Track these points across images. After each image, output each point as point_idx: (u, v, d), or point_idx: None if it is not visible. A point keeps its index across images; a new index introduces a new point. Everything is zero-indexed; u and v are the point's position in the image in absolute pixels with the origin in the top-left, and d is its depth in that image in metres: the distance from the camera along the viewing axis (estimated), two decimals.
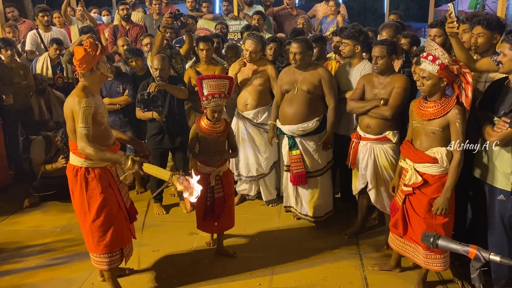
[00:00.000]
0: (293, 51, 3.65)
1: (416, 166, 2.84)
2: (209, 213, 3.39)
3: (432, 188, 2.80)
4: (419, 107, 2.83)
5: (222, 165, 3.39)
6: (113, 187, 2.86)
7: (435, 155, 2.75)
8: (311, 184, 3.87)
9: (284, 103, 3.83)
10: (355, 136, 3.55)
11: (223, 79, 3.26)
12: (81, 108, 2.61)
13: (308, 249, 3.59)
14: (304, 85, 3.70)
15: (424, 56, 2.72)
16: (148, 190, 4.93)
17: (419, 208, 2.84)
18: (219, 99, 3.19)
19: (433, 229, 2.77)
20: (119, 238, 2.91)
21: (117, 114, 4.62)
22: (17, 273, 3.35)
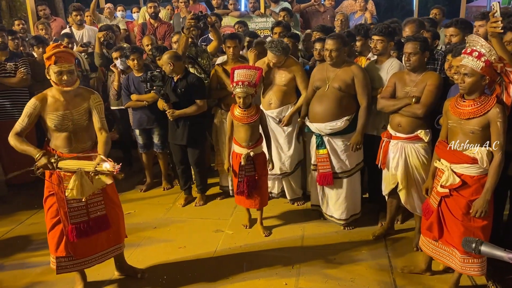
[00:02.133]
0: (328, 48, 3.58)
1: (453, 167, 2.74)
2: (240, 189, 3.72)
3: (471, 189, 2.70)
4: (455, 106, 2.73)
5: (254, 147, 3.68)
6: (57, 197, 2.87)
7: (475, 155, 2.65)
8: (337, 185, 3.79)
9: (314, 101, 3.77)
10: (386, 135, 3.46)
11: (252, 69, 3.58)
12: (25, 107, 2.80)
13: (335, 249, 3.53)
14: (336, 82, 3.63)
15: (468, 52, 2.60)
16: (174, 187, 4.97)
17: (457, 211, 2.74)
18: (245, 87, 3.51)
19: (471, 232, 2.67)
20: (59, 246, 2.90)
21: (144, 111, 4.65)
22: (45, 265, 3.40)
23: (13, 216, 4.35)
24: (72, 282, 3.13)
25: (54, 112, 2.79)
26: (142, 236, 3.85)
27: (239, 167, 3.69)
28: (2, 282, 3.24)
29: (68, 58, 2.78)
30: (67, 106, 2.82)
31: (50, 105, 2.79)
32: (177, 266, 3.38)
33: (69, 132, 2.84)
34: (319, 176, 3.79)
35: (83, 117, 2.88)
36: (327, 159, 3.74)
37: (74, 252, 2.90)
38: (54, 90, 2.83)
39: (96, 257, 3.01)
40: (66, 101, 2.83)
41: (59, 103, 2.81)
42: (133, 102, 4.63)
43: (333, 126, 3.66)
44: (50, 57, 2.73)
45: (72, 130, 2.85)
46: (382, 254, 3.45)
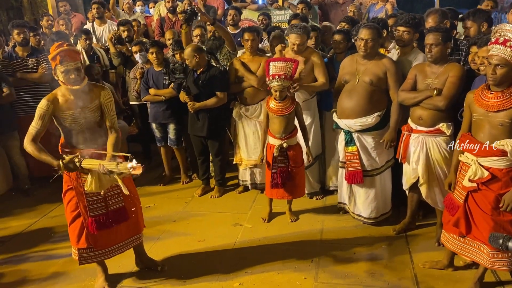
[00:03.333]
0: (364, 38, 3.44)
1: (480, 160, 2.67)
2: (274, 181, 3.75)
3: (500, 183, 2.62)
4: (481, 98, 2.65)
5: (288, 138, 3.71)
6: (76, 191, 2.89)
7: (503, 148, 2.57)
8: (367, 183, 3.68)
9: (343, 95, 3.64)
10: (406, 129, 3.40)
11: (288, 61, 3.58)
12: (37, 109, 2.77)
13: (355, 244, 3.50)
14: (367, 76, 3.51)
15: (501, 41, 2.51)
16: (193, 180, 5.01)
17: (485, 205, 2.67)
18: (281, 80, 3.54)
19: (501, 227, 2.62)
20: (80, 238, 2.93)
21: (161, 106, 4.68)
22: (68, 256, 3.46)
23: (37, 209, 4.45)
24: (94, 272, 3.19)
25: (66, 111, 2.79)
26: (161, 230, 3.89)
27: (272, 158, 3.72)
28: (30, 272, 3.31)
29: (73, 56, 2.75)
30: (78, 104, 2.81)
31: (62, 104, 2.78)
32: (196, 259, 3.40)
33: (83, 129, 2.86)
34: (348, 174, 3.69)
35: (95, 114, 2.89)
36: (357, 156, 3.63)
37: (95, 244, 2.94)
38: (63, 89, 2.80)
39: (116, 247, 3.05)
40: (77, 99, 2.80)
41: (70, 102, 2.79)
42: (151, 96, 4.67)
43: (364, 123, 3.54)
44: (55, 57, 2.71)
45: (86, 127, 2.86)
46: (403, 249, 3.41)
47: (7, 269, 3.37)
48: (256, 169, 4.46)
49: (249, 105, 4.31)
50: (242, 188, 4.65)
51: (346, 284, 2.99)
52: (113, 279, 3.16)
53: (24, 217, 4.29)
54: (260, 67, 4.14)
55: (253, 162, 4.40)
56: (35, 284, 3.16)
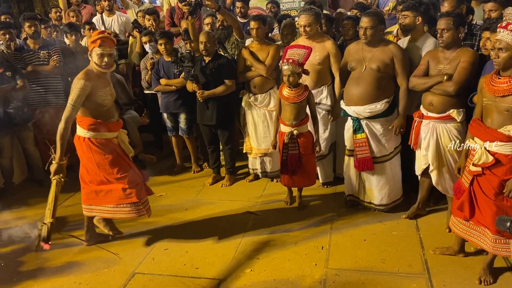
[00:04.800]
0: (363, 26, 3.43)
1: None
2: (284, 167, 3.83)
3: (505, 168, 2.61)
4: (490, 83, 2.63)
5: (299, 125, 3.75)
6: (118, 151, 3.34)
7: (509, 133, 2.56)
8: (377, 170, 3.66)
9: (350, 82, 3.63)
10: (417, 115, 3.37)
11: (301, 48, 3.64)
12: (75, 89, 3.04)
13: (365, 231, 3.51)
14: (374, 63, 3.49)
15: (504, 25, 2.49)
16: (204, 170, 5.05)
17: (489, 190, 2.67)
18: (291, 65, 3.55)
19: (503, 212, 2.59)
20: (138, 191, 3.33)
21: (172, 96, 4.71)
22: (82, 245, 3.57)
23: None
24: (108, 260, 3.26)
25: (102, 89, 3.18)
26: (173, 218, 3.95)
27: (282, 145, 3.77)
28: (46, 260, 3.39)
29: (111, 43, 3.17)
30: (106, 84, 3.25)
31: (96, 84, 3.13)
32: (208, 246, 3.45)
33: (109, 105, 3.29)
34: (357, 162, 3.67)
35: (113, 93, 3.37)
36: (366, 143, 3.60)
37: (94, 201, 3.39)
38: (93, 71, 3.17)
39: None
40: (103, 80, 3.23)
41: (100, 82, 3.19)
42: (162, 86, 4.70)
43: (373, 109, 3.52)
44: (96, 41, 3.10)
45: (111, 104, 3.32)
46: (413, 235, 3.41)
47: (25, 258, 3.45)
48: (266, 157, 4.48)
49: (258, 94, 4.31)
50: (253, 176, 4.68)
51: (357, 271, 3.01)
52: (127, 266, 3.23)
53: (39, 206, 4.35)
54: (269, 56, 4.14)
55: (263, 151, 4.42)
56: (51, 272, 3.23)
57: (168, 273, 3.12)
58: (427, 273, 2.94)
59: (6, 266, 3.37)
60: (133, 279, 3.08)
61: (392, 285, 2.84)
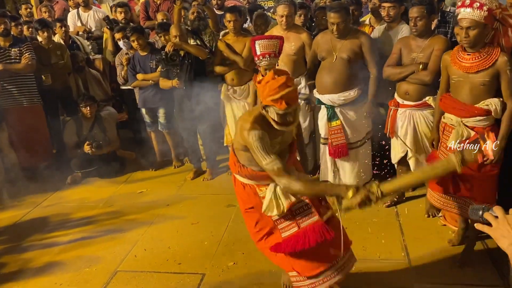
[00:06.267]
0: (333, 22, 3.46)
1: (465, 121, 2.73)
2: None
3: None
4: (458, 60, 2.68)
5: None
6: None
7: (488, 107, 2.64)
8: (352, 155, 3.75)
9: (322, 72, 3.68)
10: (393, 104, 3.42)
11: (274, 39, 3.49)
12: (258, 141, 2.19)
13: (346, 219, 3.47)
14: (344, 52, 3.54)
15: (468, 3, 2.52)
16: (185, 164, 5.02)
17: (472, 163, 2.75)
18: (270, 58, 3.44)
19: (488, 183, 2.75)
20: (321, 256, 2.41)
21: (150, 91, 4.66)
22: (63, 245, 3.52)
23: (29, 199, 4.44)
24: (89, 259, 3.25)
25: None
26: (155, 214, 3.92)
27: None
28: (26, 261, 3.33)
29: (296, 97, 2.22)
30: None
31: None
32: (190, 241, 3.43)
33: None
34: (333, 149, 3.72)
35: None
36: (341, 130, 3.67)
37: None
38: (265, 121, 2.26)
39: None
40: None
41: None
42: (139, 81, 4.64)
43: (347, 97, 3.60)
44: (278, 100, 2.12)
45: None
46: (393, 222, 3.46)
47: (5, 260, 3.39)
48: None
49: (237, 86, 4.29)
50: None
51: None
52: (109, 265, 3.20)
53: (17, 208, 4.29)
54: (246, 48, 4.11)
55: None
56: (31, 273, 3.18)
57: (150, 270, 3.10)
58: (407, 259, 2.99)
59: None
60: (115, 277, 3.05)
61: (373, 272, 2.87)
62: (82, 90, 5.22)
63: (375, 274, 2.86)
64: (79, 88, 5.23)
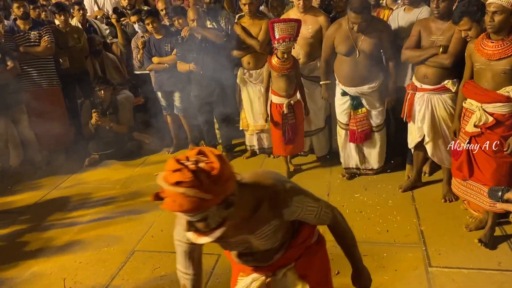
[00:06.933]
0: (355, 22, 3.36)
1: (485, 106, 2.71)
2: (287, 137, 3.91)
3: (504, 126, 2.70)
4: (482, 47, 2.66)
5: (293, 95, 3.86)
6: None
7: (509, 94, 2.62)
8: (376, 138, 3.84)
9: (346, 66, 3.61)
10: (411, 87, 3.38)
11: (292, 22, 3.56)
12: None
13: (361, 203, 3.55)
14: (366, 47, 3.50)
15: None
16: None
17: (489, 148, 2.74)
18: (289, 42, 3.53)
19: (503, 168, 2.72)
20: None
21: (165, 74, 4.66)
22: (82, 224, 3.60)
23: (49, 180, 4.53)
24: (108, 239, 3.32)
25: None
26: None
27: (282, 116, 3.84)
28: (47, 240, 3.42)
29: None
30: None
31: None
32: None
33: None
34: (359, 135, 3.77)
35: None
36: (366, 117, 3.72)
37: None
38: None
39: None
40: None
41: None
42: (155, 64, 4.65)
43: (374, 87, 3.62)
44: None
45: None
46: (409, 206, 3.45)
47: (27, 238, 3.49)
48: (263, 133, 4.48)
49: (253, 70, 4.28)
50: (250, 153, 4.68)
51: None
52: (127, 245, 3.26)
53: (37, 188, 4.39)
54: (262, 31, 4.08)
55: (259, 127, 4.42)
56: (53, 251, 3.26)
57: (167, 250, 3.13)
58: (422, 243, 2.98)
59: (8, 246, 3.41)
60: (133, 256, 3.12)
61: (388, 255, 2.88)
62: (99, 73, 5.26)
63: (389, 257, 2.86)
64: (96, 72, 5.27)
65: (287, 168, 4.13)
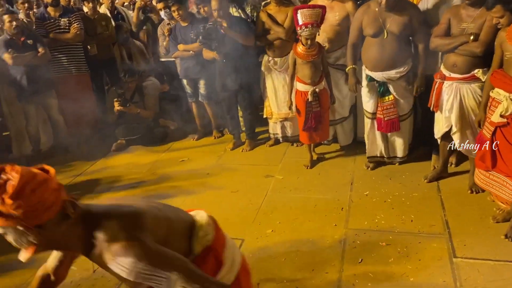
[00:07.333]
0: None
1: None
2: (308, 125, 3.90)
3: None
4: None
5: (318, 83, 3.82)
6: None
7: None
8: (402, 127, 3.76)
9: (373, 49, 3.54)
10: (439, 76, 3.31)
11: (316, 8, 3.54)
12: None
13: (385, 192, 3.53)
14: (395, 27, 3.41)
15: None
16: (225, 135, 5.10)
17: None
18: (312, 28, 3.52)
19: None
20: None
21: (191, 61, 4.70)
22: None
23: (77, 164, 4.68)
24: None
25: None
26: (196, 182, 4.03)
27: (306, 104, 3.82)
28: None
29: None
30: None
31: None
32: (230, 209, 3.52)
33: None
34: (385, 124, 3.69)
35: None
36: (394, 105, 3.63)
37: None
38: None
39: None
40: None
41: None
42: (180, 52, 4.70)
43: (402, 71, 3.53)
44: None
45: None
46: (434, 196, 3.41)
47: None
48: (287, 122, 4.49)
49: (278, 57, 4.27)
50: (273, 141, 4.70)
51: (376, 231, 3.04)
52: None
53: (66, 172, 4.52)
54: (287, 18, 4.07)
55: (283, 115, 4.43)
56: None
57: None
58: (447, 233, 2.95)
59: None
60: None
61: (412, 245, 2.86)
62: (126, 60, 5.35)
63: (413, 247, 2.85)
64: (123, 59, 5.37)
65: (310, 157, 4.13)
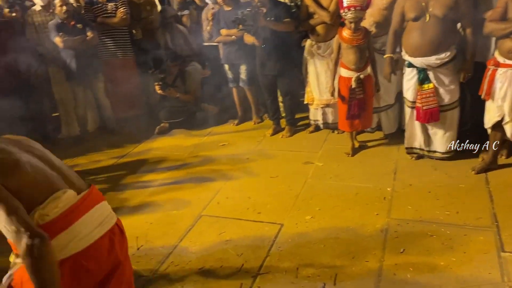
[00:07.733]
0: None
1: None
2: (352, 112, 3.83)
3: None
4: None
5: (363, 69, 3.75)
6: None
7: None
8: (444, 119, 3.56)
9: (414, 33, 3.41)
10: (492, 63, 3.16)
11: None
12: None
13: (430, 183, 3.43)
14: (437, 9, 3.27)
15: None
16: (264, 121, 5.10)
17: None
18: (356, 11, 3.48)
19: None
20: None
21: (233, 46, 4.71)
22: (153, 187, 3.82)
23: (122, 146, 4.82)
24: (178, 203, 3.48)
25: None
26: (236, 166, 4.07)
27: (349, 90, 3.76)
28: (124, 200, 3.66)
29: None
30: None
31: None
32: (269, 193, 3.54)
33: None
34: (424, 113, 3.52)
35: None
36: (434, 93, 3.46)
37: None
38: None
39: None
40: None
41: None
42: (223, 36, 4.71)
43: (443, 58, 3.36)
44: None
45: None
46: (482, 188, 3.29)
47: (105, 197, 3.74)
48: (328, 108, 4.43)
49: (321, 42, 4.21)
50: (313, 127, 4.67)
51: (420, 222, 2.97)
52: (195, 209, 3.41)
53: (111, 153, 4.68)
54: (332, 1, 3.99)
55: (324, 102, 4.37)
56: (127, 210, 3.46)
57: (232, 216, 3.26)
58: (496, 226, 2.84)
59: None
60: (200, 220, 3.26)
61: (457, 237, 2.77)
62: (169, 45, 5.41)
63: (458, 239, 2.76)
64: (166, 43, 5.44)
65: (351, 145, 4.06)
